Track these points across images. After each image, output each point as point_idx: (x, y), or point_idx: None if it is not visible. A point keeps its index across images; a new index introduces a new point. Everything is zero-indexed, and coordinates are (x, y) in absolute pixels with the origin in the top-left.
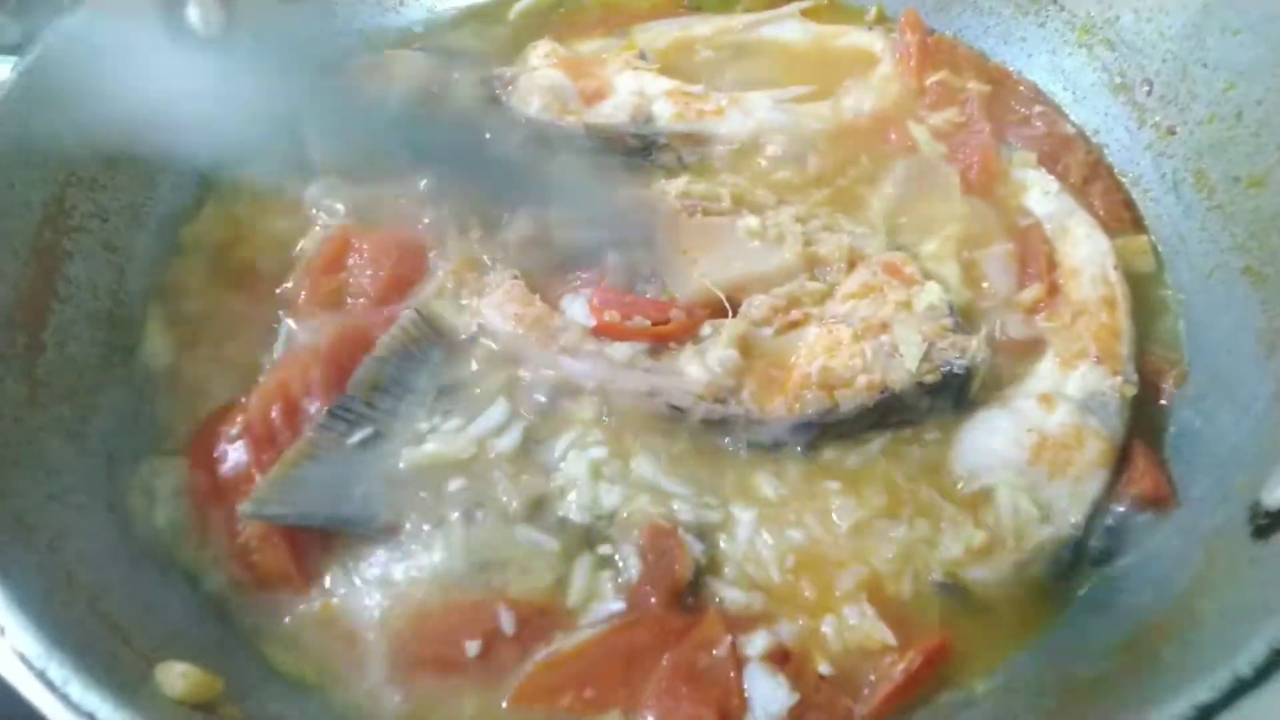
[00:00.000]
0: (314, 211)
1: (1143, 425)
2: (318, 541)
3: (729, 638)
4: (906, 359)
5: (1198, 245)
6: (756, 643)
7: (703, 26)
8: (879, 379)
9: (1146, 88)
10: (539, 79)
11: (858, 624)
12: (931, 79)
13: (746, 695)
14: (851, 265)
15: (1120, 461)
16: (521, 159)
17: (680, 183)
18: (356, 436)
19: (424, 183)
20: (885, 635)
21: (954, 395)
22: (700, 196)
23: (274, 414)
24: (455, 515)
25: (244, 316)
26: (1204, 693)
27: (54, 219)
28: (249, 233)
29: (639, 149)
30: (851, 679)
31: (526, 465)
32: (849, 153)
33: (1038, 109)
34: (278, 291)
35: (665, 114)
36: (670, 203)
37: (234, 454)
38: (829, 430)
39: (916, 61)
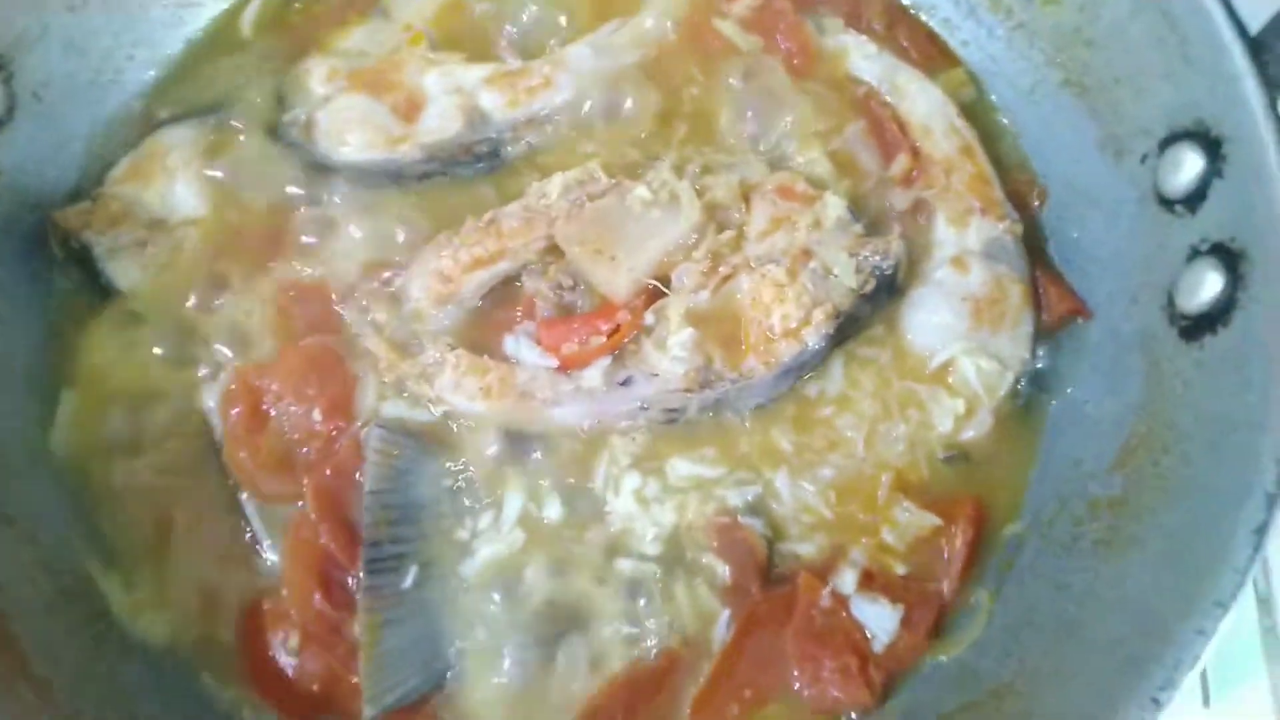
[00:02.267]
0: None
1: (1031, 251)
2: None
3: (825, 587)
4: (843, 277)
5: (1011, 65)
6: (846, 579)
7: None
8: (831, 306)
9: None
10: (342, 111)
11: (909, 520)
12: None
13: (863, 626)
14: (745, 199)
15: (1035, 293)
16: None
17: (557, 183)
18: (408, 580)
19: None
20: (931, 519)
21: (887, 290)
22: (578, 183)
23: (318, 603)
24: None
25: (197, 524)
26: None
27: None
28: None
29: (488, 153)
30: (925, 567)
31: (580, 522)
32: (679, 77)
33: None
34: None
35: (497, 106)
36: (557, 206)
37: (309, 663)
38: (804, 367)
39: None
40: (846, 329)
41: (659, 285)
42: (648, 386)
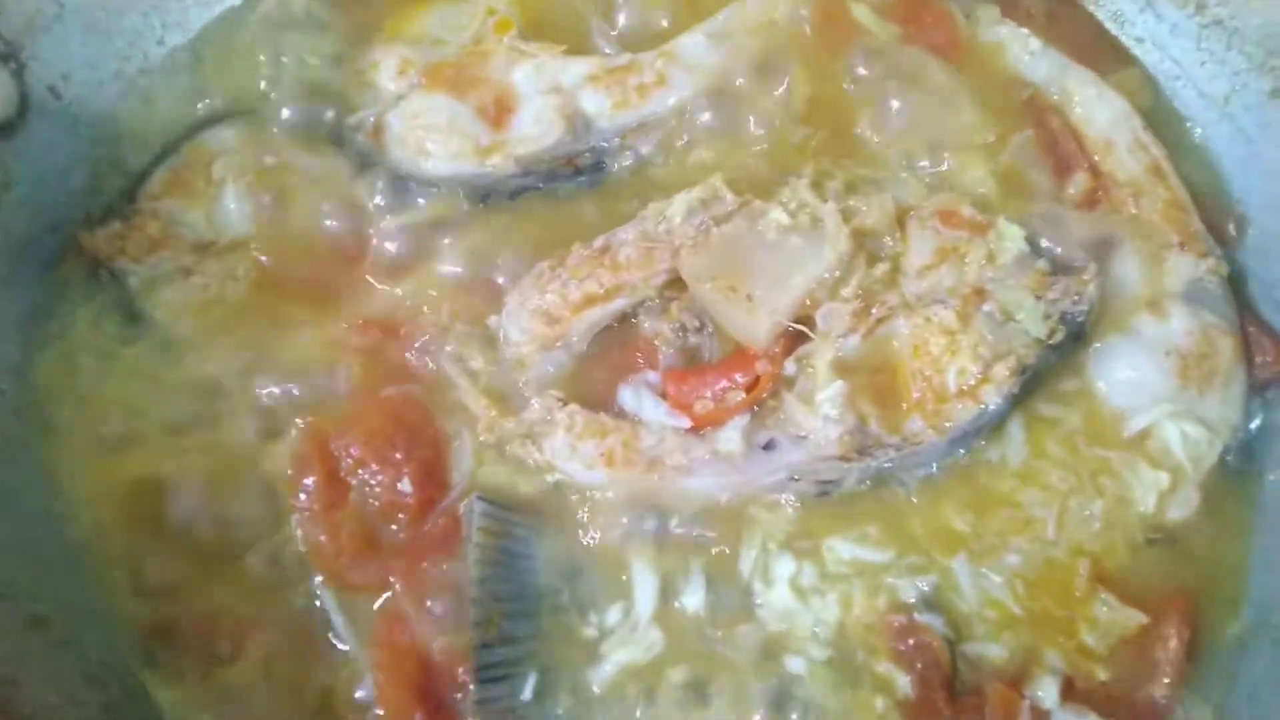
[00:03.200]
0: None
1: (1235, 294)
2: None
3: (1023, 700)
4: (1029, 325)
5: (1200, 69)
6: (1047, 690)
7: None
8: (1015, 360)
9: None
10: (420, 115)
11: (1110, 618)
12: None
13: None
14: (900, 224)
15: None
16: None
17: (680, 204)
18: (527, 691)
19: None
20: (1136, 616)
21: (1074, 339)
22: (702, 204)
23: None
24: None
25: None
26: None
27: None
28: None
29: (591, 165)
30: (1130, 672)
31: (728, 617)
32: (811, 69)
33: None
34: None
35: (603, 109)
36: (681, 232)
37: None
38: (981, 431)
39: None
40: (1030, 385)
41: (802, 329)
42: (795, 452)
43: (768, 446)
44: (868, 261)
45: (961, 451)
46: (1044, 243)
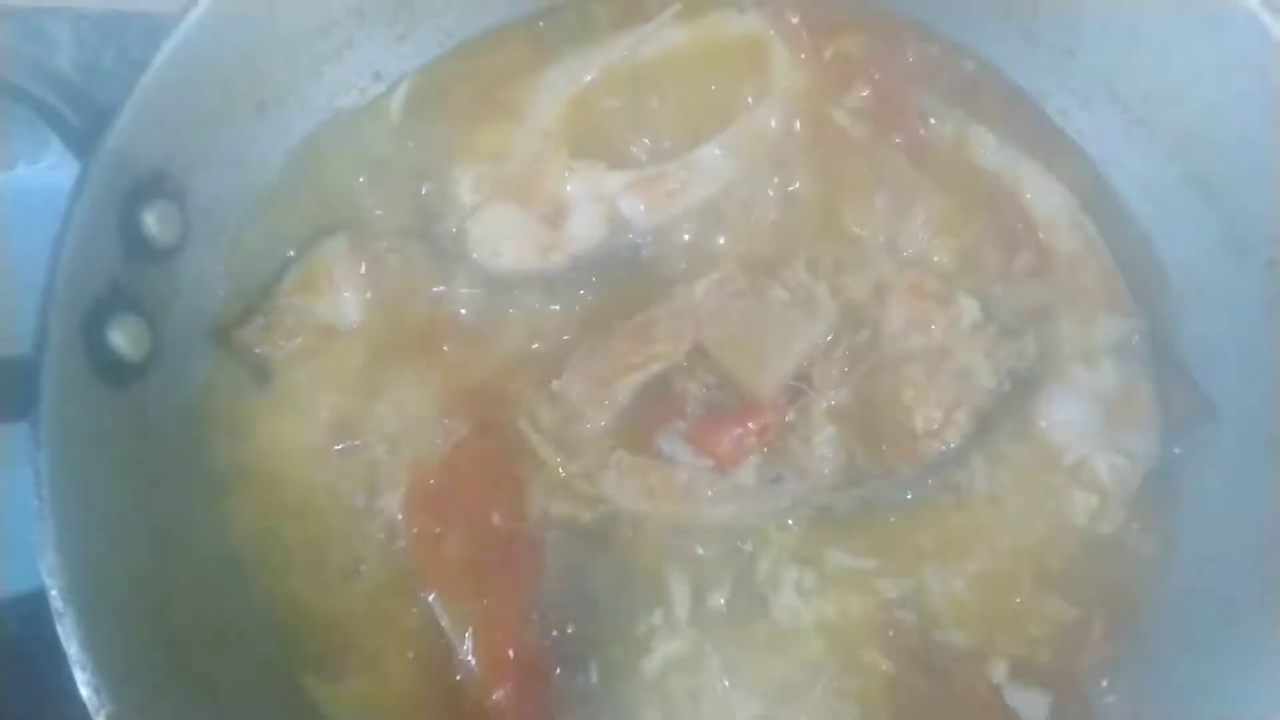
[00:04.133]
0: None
1: (1156, 346)
2: None
3: (980, 677)
4: (983, 379)
5: (1130, 158)
6: (998, 670)
7: (582, 68)
8: (971, 408)
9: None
10: (495, 224)
11: (1050, 612)
12: (828, 52)
13: (1017, 714)
14: (880, 296)
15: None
16: None
17: (701, 287)
18: (594, 676)
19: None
20: (1071, 612)
21: (1022, 390)
22: (719, 285)
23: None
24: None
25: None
26: None
27: None
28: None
29: (629, 257)
30: (1069, 657)
31: (745, 615)
32: (803, 169)
33: (933, 49)
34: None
35: (637, 213)
36: (703, 308)
37: None
38: (946, 465)
39: (810, 39)
40: (986, 425)
41: (801, 384)
42: (798, 484)
43: (775, 480)
44: (853, 328)
45: (930, 481)
46: (995, 311)
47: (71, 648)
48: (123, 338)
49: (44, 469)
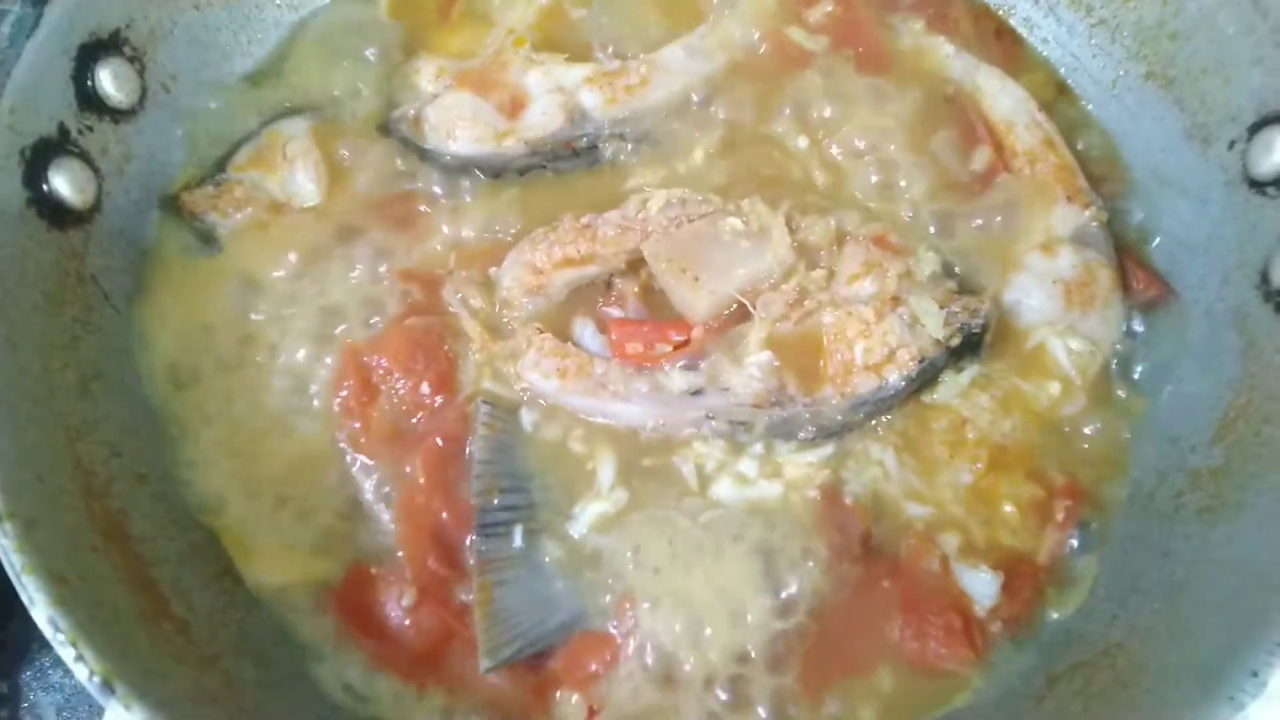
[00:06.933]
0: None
1: (1118, 238)
2: None
3: (930, 554)
4: (930, 327)
5: (1092, 61)
6: (949, 545)
7: None
8: (915, 349)
9: None
10: (451, 108)
11: (1011, 492)
12: None
13: (965, 591)
14: (839, 242)
15: (1123, 278)
16: None
17: (659, 199)
18: (517, 541)
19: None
20: (1033, 491)
21: (971, 349)
22: (680, 202)
23: (432, 565)
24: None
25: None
26: None
27: None
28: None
29: (588, 148)
30: (1028, 537)
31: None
32: (767, 86)
33: None
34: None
35: (596, 104)
36: (655, 221)
37: (423, 620)
38: (879, 406)
39: None
40: (925, 375)
41: (747, 304)
42: (717, 399)
43: (696, 393)
44: (808, 267)
45: (857, 418)
46: (956, 269)
47: None
48: (65, 182)
49: None
